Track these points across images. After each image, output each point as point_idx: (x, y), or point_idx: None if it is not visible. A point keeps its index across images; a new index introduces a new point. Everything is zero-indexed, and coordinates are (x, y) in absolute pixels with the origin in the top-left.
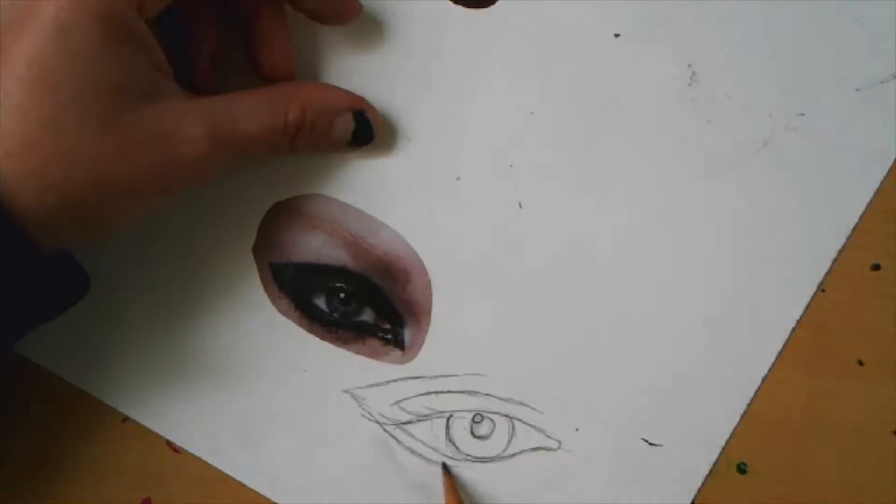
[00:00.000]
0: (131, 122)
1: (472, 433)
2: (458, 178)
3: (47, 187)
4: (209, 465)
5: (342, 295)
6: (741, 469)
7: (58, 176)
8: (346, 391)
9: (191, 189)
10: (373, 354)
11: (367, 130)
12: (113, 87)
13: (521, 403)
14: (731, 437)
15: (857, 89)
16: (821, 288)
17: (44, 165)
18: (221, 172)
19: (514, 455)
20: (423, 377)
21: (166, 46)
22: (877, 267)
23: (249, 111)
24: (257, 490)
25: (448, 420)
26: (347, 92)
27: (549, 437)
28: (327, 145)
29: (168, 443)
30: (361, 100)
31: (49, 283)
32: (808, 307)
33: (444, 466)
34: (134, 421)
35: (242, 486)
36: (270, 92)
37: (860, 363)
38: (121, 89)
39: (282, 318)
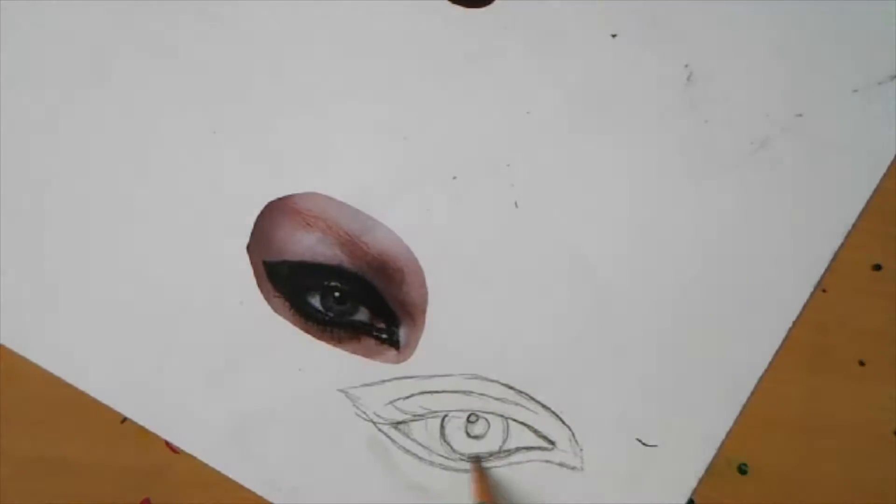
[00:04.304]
0: None
1: (466, 433)
2: (454, 177)
3: None
4: (208, 465)
5: (337, 294)
6: (742, 469)
7: None
8: (340, 390)
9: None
10: (368, 354)
11: None
12: None
13: (516, 403)
14: (729, 437)
15: (855, 90)
16: (822, 288)
17: None
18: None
19: (508, 455)
20: (418, 377)
21: None
22: (878, 267)
23: None
24: (251, 489)
25: (443, 420)
26: None
27: (543, 437)
28: None
29: (167, 443)
30: None
31: None
32: (809, 307)
33: (477, 460)
34: (133, 421)
35: (241, 486)
36: None
37: (861, 363)
38: None
39: (276, 317)
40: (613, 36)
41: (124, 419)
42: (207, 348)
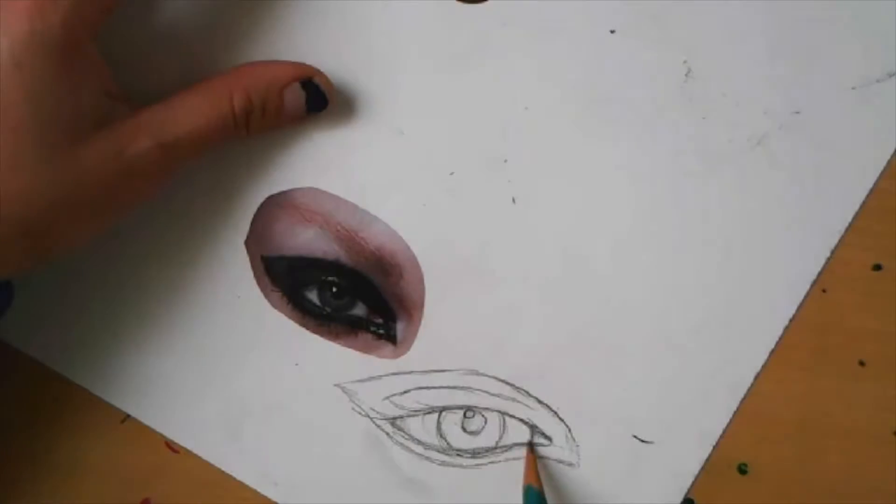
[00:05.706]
0: (87, 153)
1: (463, 428)
2: (451, 173)
3: (8, 223)
4: (208, 465)
5: (334, 289)
6: (741, 469)
7: (19, 212)
8: (337, 385)
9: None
10: (365, 349)
11: (319, 96)
12: (70, 120)
13: (513, 399)
14: (729, 437)
15: (853, 88)
16: (821, 288)
17: (5, 202)
18: (217, 166)
19: (505, 450)
20: (415, 372)
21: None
22: (878, 267)
23: (193, 109)
24: (247, 483)
25: (439, 415)
26: (290, 62)
27: (540, 433)
28: (285, 121)
29: (167, 443)
30: (306, 67)
31: None
32: (809, 308)
33: (531, 445)
34: (133, 421)
35: (242, 486)
36: (211, 84)
37: (861, 363)
38: (77, 121)
39: (273, 312)
40: (612, 32)
41: (124, 419)
42: (203, 342)
